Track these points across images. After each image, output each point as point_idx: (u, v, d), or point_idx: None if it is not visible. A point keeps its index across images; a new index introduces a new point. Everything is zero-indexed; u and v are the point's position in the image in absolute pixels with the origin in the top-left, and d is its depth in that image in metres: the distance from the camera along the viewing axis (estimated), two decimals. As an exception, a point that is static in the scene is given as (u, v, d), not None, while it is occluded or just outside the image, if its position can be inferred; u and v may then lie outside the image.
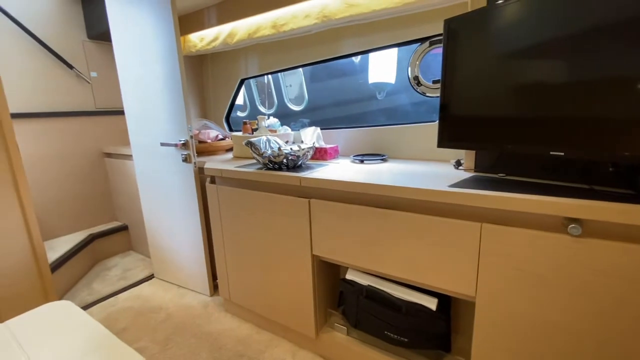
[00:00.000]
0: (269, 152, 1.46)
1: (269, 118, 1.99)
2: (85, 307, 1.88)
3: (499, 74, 1.04)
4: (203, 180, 1.80)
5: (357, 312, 1.34)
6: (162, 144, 1.84)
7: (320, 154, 1.68)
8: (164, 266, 2.15)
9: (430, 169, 1.35)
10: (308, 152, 1.49)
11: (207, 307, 1.85)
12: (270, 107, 2.62)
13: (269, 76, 2.44)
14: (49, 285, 1.68)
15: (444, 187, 1.03)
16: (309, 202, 1.31)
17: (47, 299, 1.67)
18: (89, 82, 2.46)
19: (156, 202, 2.05)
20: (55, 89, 2.31)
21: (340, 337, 1.43)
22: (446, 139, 1.22)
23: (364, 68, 2.05)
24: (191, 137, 1.77)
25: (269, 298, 1.57)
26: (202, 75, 2.62)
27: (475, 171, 1.26)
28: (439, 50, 1.59)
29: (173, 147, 1.83)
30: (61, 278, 2.01)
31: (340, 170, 1.40)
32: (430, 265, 1.09)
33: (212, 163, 1.71)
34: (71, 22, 2.36)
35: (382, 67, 1.88)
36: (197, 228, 1.88)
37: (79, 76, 2.41)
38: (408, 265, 1.13)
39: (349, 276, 1.34)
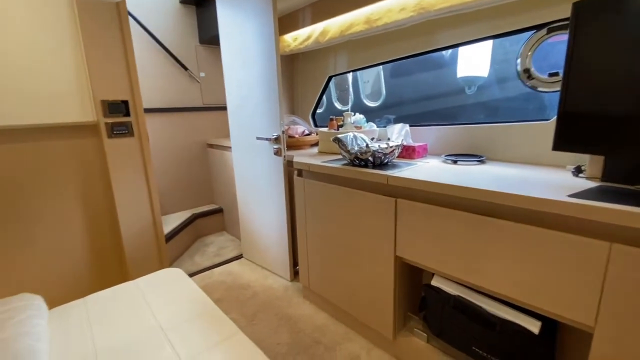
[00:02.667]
0: (356, 148, 1.47)
1: (354, 114, 2.00)
2: (189, 276, 2.19)
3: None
4: (291, 172, 1.91)
5: (442, 321, 1.28)
6: (258, 138, 2.01)
7: (407, 152, 1.63)
8: (251, 248, 2.36)
9: (539, 175, 1.19)
10: (395, 149, 1.45)
11: (287, 291, 1.98)
12: (345, 104, 2.64)
13: (348, 74, 2.45)
14: (164, 253, 2.00)
15: (562, 196, 0.90)
16: (396, 201, 1.28)
17: (162, 265, 2.00)
18: (198, 82, 2.82)
19: (248, 190, 2.26)
20: (172, 87, 2.71)
21: (419, 343, 1.38)
22: (566, 141, 1.06)
23: (450, 61, 1.90)
24: (283, 132, 1.89)
25: (347, 292, 1.60)
26: (292, 74, 2.76)
27: (601, 180, 1.06)
28: (555, 40, 1.38)
29: (266, 141, 1.98)
30: (171, 249, 2.38)
31: (431, 170, 1.33)
32: (538, 283, 0.96)
33: (300, 157, 1.80)
34: (187, 30, 2.73)
35: (474, 60, 1.72)
36: (282, 217, 2.02)
37: (191, 76, 2.78)
38: (508, 281, 1.02)
39: (435, 283, 1.27)
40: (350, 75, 2.50)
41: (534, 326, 1.03)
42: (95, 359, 0.98)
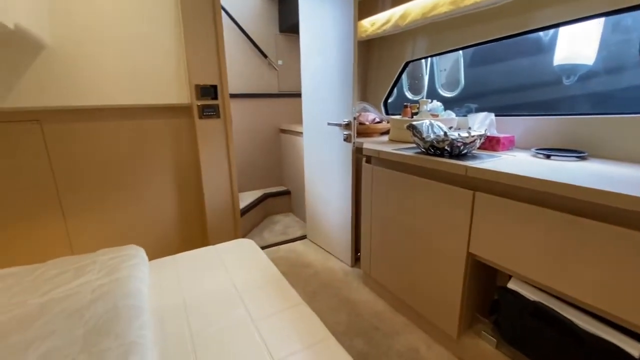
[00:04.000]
0: (432, 136, 1.41)
1: (431, 102, 1.90)
2: (257, 249, 2.37)
3: None
4: (359, 159, 1.92)
5: (516, 328, 1.17)
6: (329, 124, 2.05)
7: (490, 144, 1.50)
8: (315, 230, 2.45)
9: (662, 176, 1.00)
10: (477, 140, 1.35)
11: (347, 275, 2.02)
12: (418, 94, 2.51)
13: (423, 60, 2.31)
14: (238, 226, 2.19)
15: (695, 201, 0.74)
16: (474, 194, 1.20)
17: (236, 236, 2.20)
18: (276, 69, 2.97)
19: (316, 174, 2.33)
20: (253, 74, 2.90)
21: (486, 347, 1.30)
22: None
23: (544, 47, 1.66)
24: (354, 118, 1.90)
25: (410, 283, 1.57)
26: (366, 60, 2.73)
27: None
28: None
29: (337, 127, 2.01)
30: (243, 223, 2.59)
31: (518, 164, 1.21)
32: (639, 298, 0.82)
33: (370, 144, 1.79)
34: (269, 19, 2.88)
35: (576, 45, 1.47)
36: (347, 203, 2.04)
37: (270, 64, 2.93)
38: (602, 291, 0.89)
39: (512, 286, 1.17)
40: (424, 63, 2.37)
41: (634, 349, 0.89)
42: (185, 309, 1.13)
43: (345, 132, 1.95)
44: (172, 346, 0.96)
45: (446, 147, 1.35)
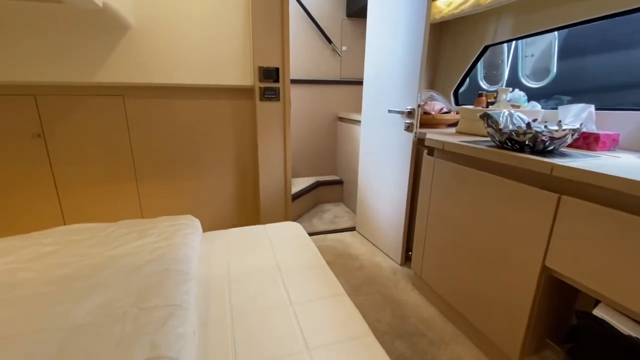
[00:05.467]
0: (511, 127, 1.22)
1: (512, 90, 1.66)
2: (305, 235, 2.37)
3: None
4: (419, 151, 1.77)
5: (599, 364, 0.97)
6: (390, 111, 1.92)
7: (584, 142, 1.25)
8: (365, 223, 2.36)
9: None
10: (569, 135, 1.12)
11: (395, 274, 1.90)
12: (494, 84, 2.22)
13: (505, 45, 2.02)
14: (289, 210, 2.21)
15: None
16: (559, 198, 1.00)
17: (286, 219, 2.22)
18: (339, 55, 2.90)
19: (371, 165, 2.23)
20: (315, 60, 2.87)
21: (555, 379, 1.10)
22: None
23: None
24: (418, 106, 1.75)
25: (466, 292, 1.41)
26: (437, 44, 2.51)
27: None
28: None
29: (399, 115, 1.88)
30: (295, 207, 2.61)
31: (624, 166, 0.98)
32: None
33: (434, 135, 1.63)
34: (336, 2, 2.80)
35: None
36: (402, 197, 1.91)
37: (334, 50, 2.87)
38: None
39: (600, 312, 0.96)
40: (506, 49, 2.08)
41: None
42: (228, 281, 1.15)
43: (407, 121, 1.81)
44: (212, 314, 0.98)
45: (528, 141, 1.15)
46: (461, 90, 2.44)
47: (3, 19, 1.51)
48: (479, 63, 2.25)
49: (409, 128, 1.80)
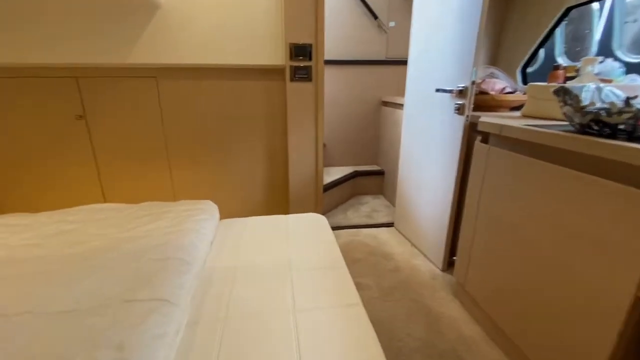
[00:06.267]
0: (598, 105, 0.90)
1: (601, 60, 1.28)
2: (337, 228, 2.21)
3: None
4: (472, 138, 1.48)
5: None
6: (437, 90, 1.64)
7: None
8: (404, 219, 2.12)
9: None
10: (694, 114, 0.78)
11: (434, 280, 1.65)
12: (577, 60, 1.76)
13: (594, 9, 1.57)
14: (320, 201, 2.06)
15: None
16: (672, 203, 0.69)
17: (316, 210, 2.07)
18: (386, 32, 2.62)
19: (413, 153, 1.97)
20: (357, 38, 2.63)
21: None
22: None
23: None
24: (473, 83, 1.45)
25: (522, 314, 1.13)
26: (502, 12, 2.10)
27: None
28: None
29: (448, 95, 1.59)
30: (328, 198, 2.46)
31: None
32: None
33: (492, 118, 1.33)
34: (385, -27, 2.51)
35: None
36: (448, 192, 1.64)
37: (380, 27, 2.60)
38: None
39: None
40: (595, 14, 1.64)
41: None
42: (234, 275, 1.05)
43: (457, 102, 1.52)
44: (206, 311, 0.88)
45: (624, 124, 0.84)
46: (531, 68, 2.03)
47: (43, 3, 1.56)
48: (557, 33, 1.83)
49: (459, 110, 1.51)
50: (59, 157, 1.83)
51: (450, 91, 1.55)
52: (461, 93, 1.49)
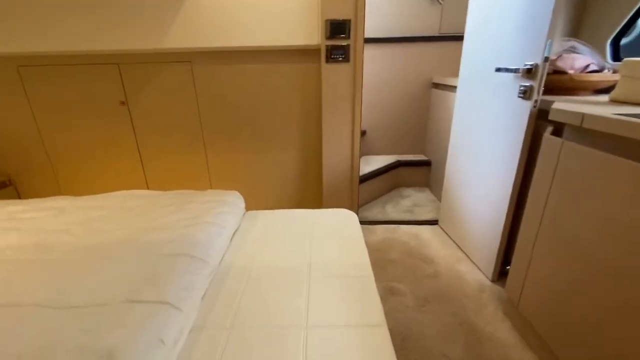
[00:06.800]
0: None
1: None
2: (373, 223, 2.05)
3: None
4: (539, 128, 1.21)
5: None
6: (498, 69, 1.37)
7: None
8: (450, 218, 1.89)
9: None
10: None
11: (482, 292, 1.44)
12: None
13: None
14: (355, 193, 1.91)
15: None
16: None
17: (351, 202, 1.93)
18: (440, 3, 2.30)
19: (465, 143, 1.71)
20: (405, 12, 2.35)
21: None
22: None
23: None
24: (546, 60, 1.16)
25: (597, 355, 0.90)
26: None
27: None
28: None
29: (511, 75, 1.32)
30: (366, 190, 2.29)
31: None
32: None
33: (569, 104, 1.06)
34: None
35: None
36: (505, 191, 1.39)
37: (433, -3, 2.29)
38: None
39: None
40: None
41: None
42: (249, 275, 0.98)
43: (523, 84, 1.25)
44: (214, 317, 0.82)
45: None
46: (626, 39, 1.61)
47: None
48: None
49: (525, 94, 1.24)
50: (108, 143, 1.92)
51: (514, 70, 1.27)
52: (529, 73, 1.21)
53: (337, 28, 1.60)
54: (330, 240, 1.15)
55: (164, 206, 1.27)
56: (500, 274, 1.50)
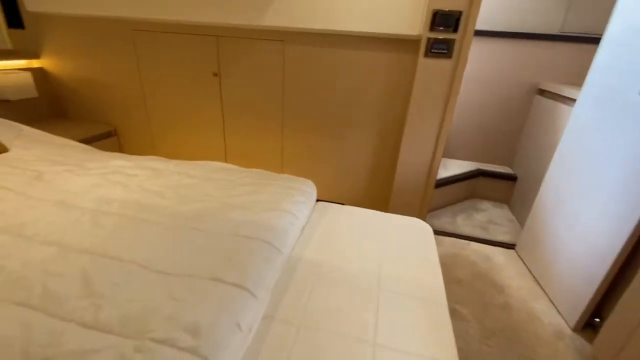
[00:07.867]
0: None
1: None
2: (440, 233, 1.92)
3: None
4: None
5: None
6: (645, 90, 1.12)
7: None
8: (532, 246, 1.69)
9: None
10: None
11: (559, 340, 1.27)
12: None
13: None
14: (427, 200, 1.80)
15: None
16: None
17: (421, 207, 1.82)
18: (570, -5, 1.95)
19: (574, 169, 1.47)
20: (523, 4, 2.04)
21: None
22: None
23: None
24: None
25: None
26: None
27: None
28: None
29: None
30: (438, 195, 2.15)
31: None
32: None
33: None
34: None
35: None
36: (618, 236, 1.17)
37: (562, -13, 1.94)
38: None
39: None
40: None
41: None
42: (319, 270, 0.98)
43: (679, 113, 1.00)
44: (283, 310, 0.83)
45: None
46: None
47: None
48: None
49: (680, 126, 0.99)
50: (197, 111, 2.06)
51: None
52: (694, 100, 0.96)
53: (445, 19, 1.44)
54: (402, 253, 1.09)
55: (242, 184, 1.31)
56: (586, 324, 1.31)
